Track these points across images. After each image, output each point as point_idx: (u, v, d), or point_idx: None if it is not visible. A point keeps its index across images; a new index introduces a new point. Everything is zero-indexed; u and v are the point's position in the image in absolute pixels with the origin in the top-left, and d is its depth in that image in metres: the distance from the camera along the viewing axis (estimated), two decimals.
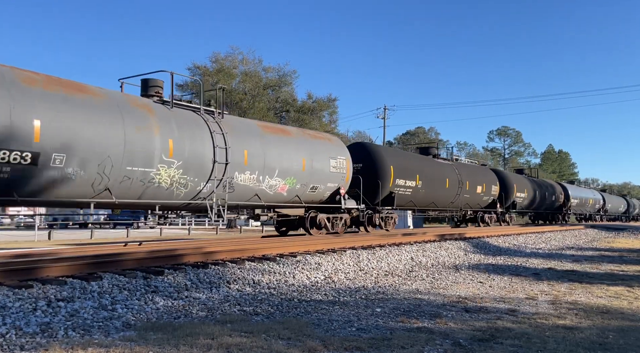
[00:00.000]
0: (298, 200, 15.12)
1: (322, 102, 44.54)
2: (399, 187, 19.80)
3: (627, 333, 6.20)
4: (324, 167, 15.77)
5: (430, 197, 22.49)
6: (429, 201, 22.62)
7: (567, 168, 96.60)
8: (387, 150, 22.78)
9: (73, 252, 9.52)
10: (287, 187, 14.45)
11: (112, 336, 5.29)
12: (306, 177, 14.99)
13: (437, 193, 22.89)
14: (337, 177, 16.31)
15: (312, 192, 15.41)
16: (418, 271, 11.92)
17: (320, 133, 18.57)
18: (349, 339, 5.48)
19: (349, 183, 16.99)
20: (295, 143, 15.04)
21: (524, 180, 34.36)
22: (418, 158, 23.70)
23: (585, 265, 14.39)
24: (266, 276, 9.11)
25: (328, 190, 16.09)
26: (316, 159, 15.44)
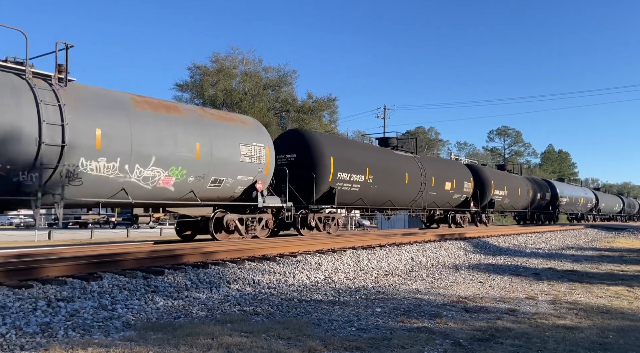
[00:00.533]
0: (193, 197, 12.08)
1: (322, 102, 44.53)
2: (342, 182, 16.74)
3: (627, 333, 6.21)
4: (232, 155, 12.74)
5: (385, 194, 19.49)
6: (383, 199, 19.63)
7: (567, 168, 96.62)
8: (328, 138, 18.68)
9: (73, 252, 9.52)
10: (174, 180, 11.45)
11: (112, 336, 5.29)
12: (203, 167, 12.00)
13: (393, 190, 19.85)
14: (251, 168, 13.34)
15: (215, 187, 12.50)
16: (418, 271, 11.92)
17: (231, 114, 14.69)
18: (349, 339, 5.48)
19: (269, 177, 14.19)
20: (185, 124, 11.85)
21: (504, 177, 30.98)
22: (369, 148, 20.30)
23: (585, 265, 14.39)
24: (266, 276, 9.11)
25: (240, 185, 13.17)
26: (218, 145, 12.41)
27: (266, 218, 14.23)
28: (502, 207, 29.95)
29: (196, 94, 42.04)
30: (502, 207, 29.99)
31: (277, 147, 15.52)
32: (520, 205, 32.70)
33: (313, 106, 43.93)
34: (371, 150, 20.24)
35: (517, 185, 31.38)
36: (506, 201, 29.68)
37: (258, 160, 13.53)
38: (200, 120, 12.45)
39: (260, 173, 13.64)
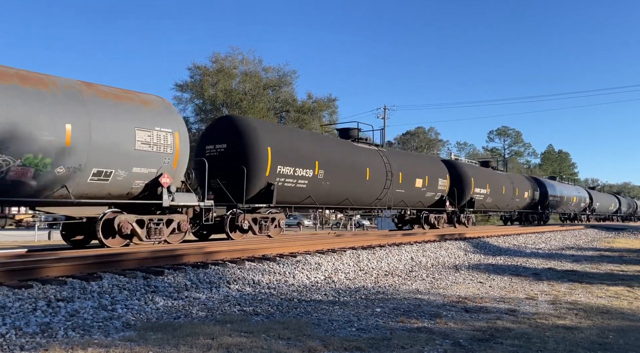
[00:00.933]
0: (66, 194, 9.68)
1: (322, 102, 44.53)
2: (284, 176, 14.19)
3: (627, 333, 6.20)
4: (123, 142, 10.24)
5: (341, 192, 16.92)
6: (339, 197, 17.04)
7: (567, 168, 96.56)
8: (266, 125, 15.58)
9: (73, 252, 9.51)
10: (32, 171, 9.03)
11: (112, 336, 5.29)
12: (78, 156, 9.53)
13: (352, 187, 17.33)
14: (153, 158, 10.82)
15: (100, 181, 10.06)
16: (418, 271, 11.92)
17: (128, 91, 11.27)
18: (349, 339, 5.48)
19: (181, 170, 11.63)
20: (51, 100, 9.31)
21: (487, 174, 28.21)
22: (319, 139, 17.53)
23: (585, 265, 14.38)
24: (266, 276, 9.11)
25: (138, 179, 10.69)
26: (102, 128, 9.90)
27: (178, 219, 11.71)
28: (485, 206, 27.16)
29: (196, 94, 42.04)
30: (484, 207, 27.14)
31: (208, 136, 14.33)
32: (505, 205, 29.94)
33: (313, 106, 43.93)
34: (323, 140, 17.55)
35: (501, 183, 28.65)
36: (489, 200, 26.98)
37: (163, 149, 11.04)
38: (77, 96, 9.78)
39: (167, 165, 11.18)
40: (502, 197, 28.89)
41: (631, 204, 68.59)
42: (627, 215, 65.43)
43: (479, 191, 27.03)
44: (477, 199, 26.78)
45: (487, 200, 26.79)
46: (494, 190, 27.37)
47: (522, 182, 33.39)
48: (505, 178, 30.28)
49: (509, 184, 30.06)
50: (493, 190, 27.18)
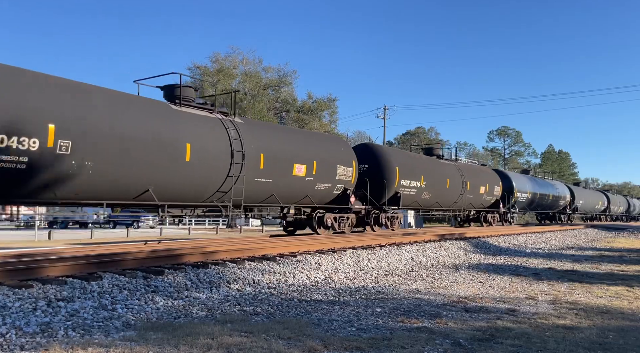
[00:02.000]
0: None
1: (322, 102, 44.59)
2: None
3: (627, 333, 6.21)
4: None
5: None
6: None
7: (567, 168, 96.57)
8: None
9: (73, 252, 9.52)
10: None
11: (112, 336, 5.29)
12: None
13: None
14: None
15: None
16: (418, 271, 11.92)
17: None
18: (349, 339, 5.48)
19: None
20: None
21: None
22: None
23: (586, 265, 14.39)
24: (266, 276, 9.12)
25: None
26: None
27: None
28: (420, 204, 21.59)
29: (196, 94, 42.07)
30: (418, 204, 21.61)
31: None
32: (451, 202, 24.33)
33: (313, 106, 43.98)
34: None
35: (444, 175, 23.30)
36: (426, 196, 21.60)
37: None
38: None
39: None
40: (447, 193, 23.44)
41: (621, 202, 62.93)
42: (617, 214, 60.36)
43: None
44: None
45: (422, 196, 21.27)
46: (433, 183, 21.97)
47: (478, 174, 27.19)
48: (453, 170, 24.47)
49: (457, 177, 24.33)
50: (431, 184, 21.76)
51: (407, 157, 21.56)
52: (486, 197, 27.33)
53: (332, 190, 16.65)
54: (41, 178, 9.07)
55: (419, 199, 21.14)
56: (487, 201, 27.77)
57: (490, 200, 28.07)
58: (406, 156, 21.91)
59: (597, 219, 52.24)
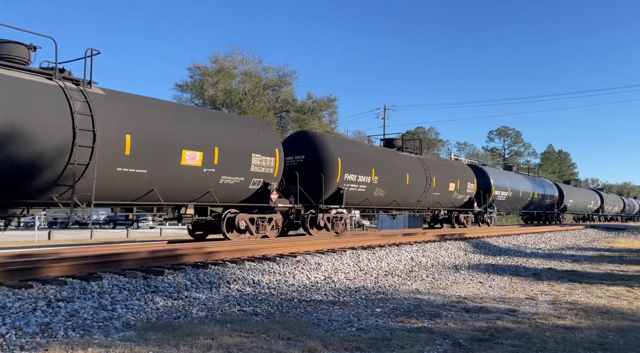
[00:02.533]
0: None
1: (322, 102, 44.58)
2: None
3: (627, 333, 6.21)
4: None
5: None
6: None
7: (567, 168, 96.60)
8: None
9: (73, 252, 9.51)
10: None
11: (112, 336, 5.29)
12: None
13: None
14: None
15: None
16: (418, 271, 11.92)
17: None
18: (349, 339, 5.48)
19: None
20: None
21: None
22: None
23: (585, 265, 14.39)
24: (266, 276, 9.12)
25: None
26: None
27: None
28: (372, 202, 18.47)
29: (196, 94, 42.07)
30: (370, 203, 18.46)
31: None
32: (413, 201, 21.13)
33: (313, 106, 43.98)
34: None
35: (404, 170, 20.00)
36: (379, 194, 18.44)
37: None
38: None
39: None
40: (407, 190, 20.25)
41: (617, 202, 59.86)
42: (612, 215, 57.95)
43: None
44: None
45: (375, 193, 18.24)
46: (389, 178, 18.84)
47: (447, 170, 24.00)
48: (415, 164, 21.17)
49: (421, 171, 21.07)
50: (387, 179, 18.62)
51: (354, 148, 18.14)
52: (457, 194, 23.88)
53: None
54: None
55: (371, 197, 18.05)
56: (459, 200, 24.34)
57: (462, 199, 24.55)
58: (353, 146, 18.57)
59: (589, 219, 49.68)
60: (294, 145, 16.42)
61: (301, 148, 16.27)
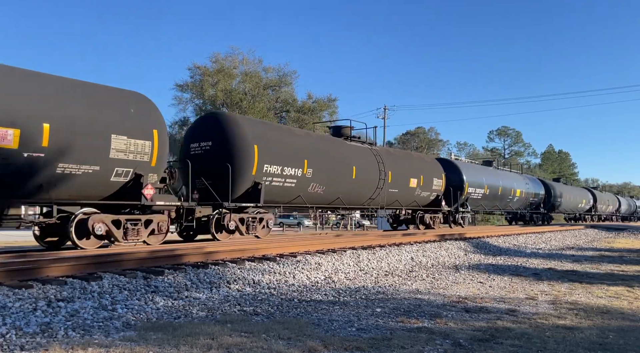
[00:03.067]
0: None
1: (322, 102, 44.56)
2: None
3: (627, 333, 6.20)
4: None
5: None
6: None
7: (567, 168, 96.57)
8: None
9: (73, 252, 9.51)
10: None
11: (112, 336, 5.29)
12: None
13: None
14: None
15: None
16: (418, 271, 11.92)
17: None
18: (349, 339, 5.48)
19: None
20: None
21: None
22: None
23: (586, 265, 14.38)
24: (266, 276, 9.11)
25: None
26: None
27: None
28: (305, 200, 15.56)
29: (196, 94, 42.07)
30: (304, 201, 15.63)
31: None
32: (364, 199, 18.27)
33: (313, 106, 43.96)
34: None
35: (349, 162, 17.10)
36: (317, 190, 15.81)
37: None
38: None
39: None
40: (353, 186, 17.32)
41: (611, 201, 57.17)
42: (606, 214, 55.44)
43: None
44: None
45: (309, 188, 15.43)
46: (329, 171, 16.10)
47: (408, 163, 20.92)
48: (366, 155, 18.22)
49: (373, 164, 18.20)
50: (324, 172, 15.87)
51: (278, 134, 14.84)
52: (421, 192, 20.82)
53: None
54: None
55: (305, 193, 15.21)
56: (423, 198, 21.24)
57: (428, 197, 21.54)
58: (277, 131, 15.21)
59: (581, 219, 47.45)
60: (201, 129, 13.83)
61: (208, 133, 13.52)
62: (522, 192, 31.97)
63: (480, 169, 28.48)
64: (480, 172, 27.37)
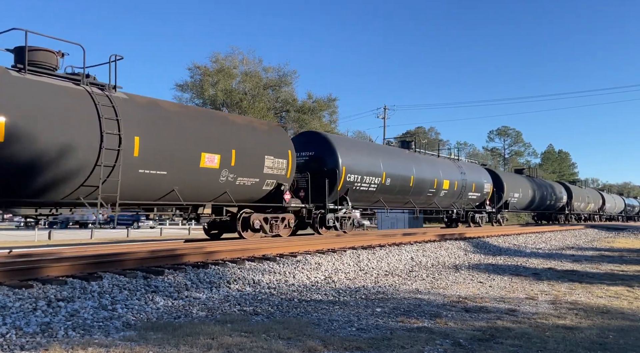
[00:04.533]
0: None
1: (322, 102, 44.52)
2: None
3: (627, 333, 6.21)
4: None
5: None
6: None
7: (567, 168, 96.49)
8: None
9: (73, 252, 9.51)
10: None
11: (112, 336, 5.29)
12: None
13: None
14: None
15: None
16: (418, 271, 11.92)
17: None
18: (349, 339, 5.48)
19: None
20: None
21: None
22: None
23: (586, 265, 14.38)
24: (266, 276, 9.11)
25: None
26: None
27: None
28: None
29: (196, 94, 42.04)
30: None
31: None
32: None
33: (313, 106, 43.92)
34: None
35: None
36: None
37: None
38: None
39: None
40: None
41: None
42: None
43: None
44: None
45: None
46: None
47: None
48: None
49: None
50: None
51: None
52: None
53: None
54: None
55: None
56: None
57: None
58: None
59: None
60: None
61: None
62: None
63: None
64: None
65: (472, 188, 25.94)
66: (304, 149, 16.91)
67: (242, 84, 41.96)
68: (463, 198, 25.27)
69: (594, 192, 51.29)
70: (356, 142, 22.05)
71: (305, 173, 16.31)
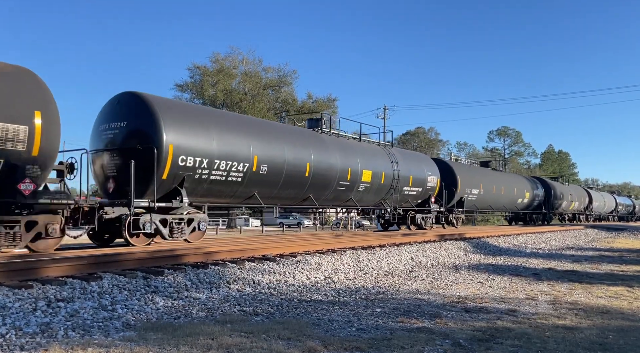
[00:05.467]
0: None
1: (322, 102, 44.52)
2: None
3: (627, 333, 6.21)
4: None
5: None
6: None
7: (567, 168, 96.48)
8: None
9: (73, 252, 9.51)
10: None
11: (112, 336, 5.29)
12: None
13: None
14: None
15: None
16: (418, 271, 11.91)
17: None
18: (349, 339, 5.48)
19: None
20: None
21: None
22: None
23: (585, 265, 14.38)
24: (266, 276, 9.11)
25: None
26: None
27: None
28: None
29: (196, 94, 42.02)
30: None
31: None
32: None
33: (313, 106, 43.90)
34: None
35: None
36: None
37: None
38: None
39: None
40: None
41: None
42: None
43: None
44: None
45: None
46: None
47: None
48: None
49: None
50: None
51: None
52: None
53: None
54: None
55: None
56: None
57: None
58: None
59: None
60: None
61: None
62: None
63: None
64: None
65: (409, 183, 20.55)
66: (115, 118, 11.62)
67: (242, 84, 41.95)
68: (396, 194, 19.75)
69: (579, 189, 47.70)
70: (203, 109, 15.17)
71: (113, 153, 11.39)
